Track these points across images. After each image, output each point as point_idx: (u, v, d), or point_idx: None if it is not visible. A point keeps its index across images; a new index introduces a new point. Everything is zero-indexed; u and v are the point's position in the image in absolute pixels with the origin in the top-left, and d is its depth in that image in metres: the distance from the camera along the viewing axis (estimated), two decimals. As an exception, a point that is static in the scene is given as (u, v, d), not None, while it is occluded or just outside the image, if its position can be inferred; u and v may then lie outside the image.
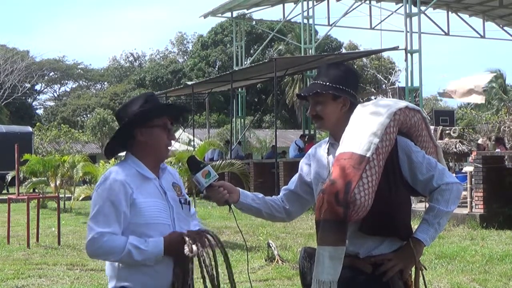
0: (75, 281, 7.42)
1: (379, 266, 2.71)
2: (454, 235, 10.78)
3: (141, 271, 2.66)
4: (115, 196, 2.63)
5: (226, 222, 12.06)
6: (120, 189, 2.63)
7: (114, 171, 2.72)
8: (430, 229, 2.75)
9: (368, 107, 2.81)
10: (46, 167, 17.14)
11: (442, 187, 2.74)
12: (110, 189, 2.64)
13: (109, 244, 2.57)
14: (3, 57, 53.46)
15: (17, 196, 12.02)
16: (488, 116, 36.12)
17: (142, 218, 2.64)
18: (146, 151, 2.78)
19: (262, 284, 6.97)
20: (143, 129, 2.75)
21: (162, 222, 2.68)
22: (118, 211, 2.62)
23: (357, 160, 2.60)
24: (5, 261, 8.91)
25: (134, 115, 2.76)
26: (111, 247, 2.58)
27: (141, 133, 2.75)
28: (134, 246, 2.56)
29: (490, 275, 7.32)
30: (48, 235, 11.30)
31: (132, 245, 2.56)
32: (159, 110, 2.83)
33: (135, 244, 2.57)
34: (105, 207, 2.62)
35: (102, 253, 2.65)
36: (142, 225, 2.64)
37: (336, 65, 3.01)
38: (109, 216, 2.61)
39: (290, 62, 22.96)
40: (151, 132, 2.76)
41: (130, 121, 2.76)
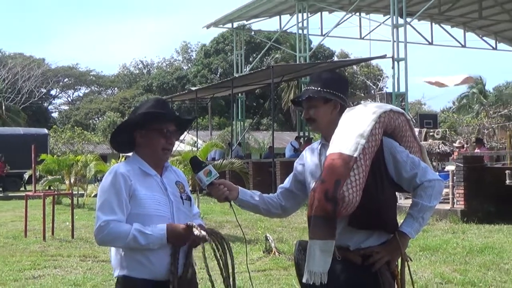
0: (88, 272, 7.42)
1: (368, 257, 2.72)
2: (437, 229, 10.79)
3: (141, 263, 2.67)
4: (117, 186, 2.65)
5: (227, 217, 12.04)
6: (121, 180, 2.66)
7: (117, 167, 2.77)
8: (414, 223, 2.75)
9: (355, 111, 2.81)
10: (61, 166, 17.17)
11: (425, 184, 2.75)
12: (113, 181, 2.67)
13: (114, 230, 2.59)
14: (20, 64, 53.40)
15: (34, 193, 12.02)
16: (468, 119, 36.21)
17: (143, 209, 2.66)
18: (145, 151, 2.81)
19: (260, 274, 6.96)
20: (142, 131, 2.78)
21: (161, 215, 2.70)
22: (121, 199, 2.65)
23: (345, 160, 2.60)
24: (23, 253, 8.92)
25: (136, 117, 2.80)
26: (116, 232, 2.59)
27: (140, 135, 2.79)
28: (138, 231, 2.58)
29: (470, 266, 7.33)
30: (63, 229, 11.30)
31: (136, 230, 2.58)
32: (161, 117, 2.80)
33: (139, 229, 2.58)
34: (109, 197, 2.65)
35: (109, 239, 2.64)
36: (143, 216, 2.65)
37: (327, 72, 3.03)
38: (113, 205, 2.63)
39: (286, 69, 22.99)
40: (148, 135, 2.78)
41: (129, 122, 2.83)
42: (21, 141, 24.63)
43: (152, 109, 2.80)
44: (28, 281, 6.95)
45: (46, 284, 6.72)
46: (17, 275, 7.25)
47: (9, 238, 10.64)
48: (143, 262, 2.65)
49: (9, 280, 6.99)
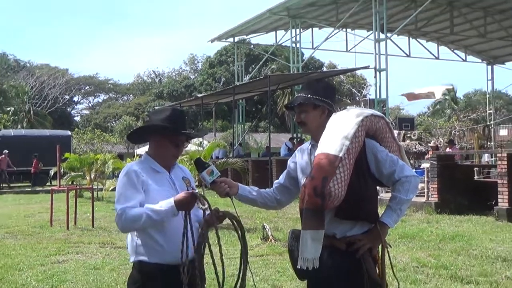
0: (106, 257, 7.43)
1: (352, 244, 2.72)
2: (413, 219, 10.80)
3: (154, 249, 2.67)
4: (131, 181, 2.66)
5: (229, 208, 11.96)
6: (134, 176, 2.68)
7: (130, 165, 2.79)
8: (393, 214, 2.76)
9: (340, 115, 2.81)
10: (82, 163, 17.17)
11: (402, 179, 2.75)
12: (127, 177, 2.69)
13: (130, 214, 2.58)
14: (47, 74, 53.43)
15: (59, 187, 12.03)
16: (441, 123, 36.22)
17: (155, 201, 2.64)
18: (157, 154, 2.82)
19: (258, 259, 6.97)
20: (157, 138, 2.81)
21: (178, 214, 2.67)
22: (134, 189, 2.65)
23: (332, 159, 2.61)
24: (49, 241, 8.93)
25: (155, 125, 2.81)
26: (132, 216, 2.57)
27: (155, 140, 2.82)
28: (150, 210, 2.57)
29: (443, 251, 7.36)
30: (84, 219, 11.30)
31: (148, 209, 2.57)
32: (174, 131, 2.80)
33: (150, 208, 2.58)
34: (124, 191, 2.66)
35: (128, 224, 2.62)
36: None
37: (316, 81, 3.03)
38: (127, 195, 2.63)
39: (281, 78, 23.00)
40: (163, 143, 2.81)
41: (147, 129, 2.87)
42: (47, 142, 24.61)
43: (168, 121, 2.79)
44: (53, 265, 6.96)
45: (69, 268, 6.72)
46: (44, 260, 7.26)
47: (36, 227, 10.65)
48: (157, 248, 2.65)
49: (36, 264, 7.00)
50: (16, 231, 10.09)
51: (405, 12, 20.90)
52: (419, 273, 6.12)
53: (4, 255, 7.63)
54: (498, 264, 6.55)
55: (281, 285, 5.69)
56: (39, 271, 6.54)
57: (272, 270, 6.32)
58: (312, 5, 21.73)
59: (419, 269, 6.30)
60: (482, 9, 22.49)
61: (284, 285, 5.67)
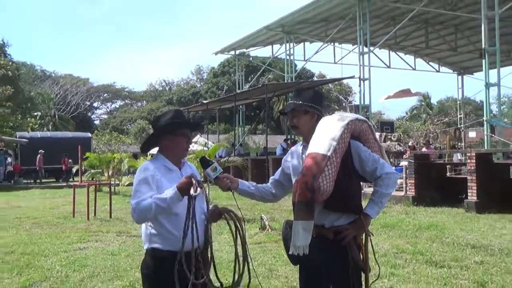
0: (122, 244, 7.42)
1: (339, 233, 2.72)
2: (393, 210, 10.81)
3: (166, 237, 2.66)
4: (146, 178, 2.65)
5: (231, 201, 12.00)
6: (149, 174, 2.66)
7: (146, 165, 2.76)
8: (375, 207, 2.76)
9: (328, 119, 2.81)
10: (101, 162, 17.13)
11: (383, 176, 2.75)
12: (143, 176, 2.67)
13: (141, 206, 2.57)
14: (70, 82, 53.39)
15: (80, 183, 12.01)
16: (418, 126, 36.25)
17: None
18: (170, 151, 2.80)
19: (256, 246, 6.97)
20: (170, 135, 2.77)
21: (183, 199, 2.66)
22: (148, 186, 2.63)
23: (321, 158, 2.60)
24: (71, 230, 8.92)
25: (165, 126, 2.79)
26: (143, 208, 2.57)
27: (167, 139, 2.78)
28: (156, 199, 2.56)
29: (419, 239, 7.36)
30: (103, 211, 11.28)
31: (154, 198, 2.56)
32: (182, 124, 2.85)
33: (156, 197, 2.57)
34: (140, 188, 2.65)
35: (141, 216, 2.62)
36: None
37: (307, 89, 3.03)
38: (142, 191, 2.62)
39: (277, 87, 22.98)
40: (176, 139, 2.78)
41: (162, 129, 2.80)
42: (70, 142, 24.61)
43: (175, 119, 2.81)
44: (75, 252, 6.95)
45: (90, 254, 6.72)
46: (67, 247, 7.26)
47: (60, 218, 10.63)
48: (168, 236, 2.64)
49: (60, 251, 6.99)
50: (42, 222, 10.08)
51: (386, 29, 20.94)
52: (398, 258, 6.12)
53: (31, 243, 7.62)
54: (467, 250, 6.56)
55: (277, 269, 5.69)
56: (62, 257, 6.54)
57: (269, 256, 6.33)
58: (304, 22, 21.78)
59: (398, 255, 6.30)
60: (453, 26, 22.57)
61: (279, 269, 5.67)
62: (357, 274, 2.73)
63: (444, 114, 37.79)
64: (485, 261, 5.91)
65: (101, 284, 5.22)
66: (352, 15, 19.14)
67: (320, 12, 20.49)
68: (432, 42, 23.32)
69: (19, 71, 37.34)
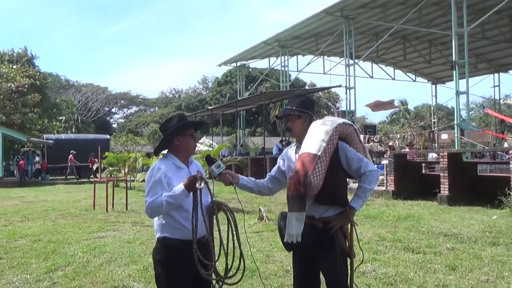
0: (137, 233, 7.41)
1: (328, 223, 2.72)
2: (376, 203, 10.81)
3: (175, 227, 2.65)
4: (158, 177, 2.64)
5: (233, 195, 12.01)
6: (161, 173, 2.65)
7: (157, 163, 2.74)
8: (359, 200, 2.76)
9: (318, 123, 2.81)
10: (118, 160, 17.13)
11: (366, 173, 2.75)
12: (156, 175, 2.66)
13: (154, 204, 2.58)
14: (91, 91, 53.35)
15: (100, 179, 12.01)
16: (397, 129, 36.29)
17: None
18: (179, 150, 2.79)
19: (255, 235, 6.96)
20: (179, 137, 2.76)
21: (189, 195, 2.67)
22: (160, 185, 2.62)
23: (312, 157, 2.60)
24: (92, 221, 8.90)
25: (175, 128, 2.77)
26: (156, 205, 2.58)
27: (177, 139, 2.77)
28: (167, 196, 2.56)
29: (398, 229, 7.36)
30: (119, 204, 11.26)
31: (165, 196, 2.57)
32: (189, 125, 2.84)
33: (166, 195, 2.57)
34: (153, 186, 2.63)
35: (154, 212, 2.63)
36: None
37: (300, 96, 3.02)
38: (155, 190, 2.61)
39: (273, 94, 22.98)
40: (184, 139, 2.77)
41: (172, 131, 2.78)
42: (91, 143, 24.56)
43: (181, 122, 2.80)
44: (95, 240, 6.94)
45: (108, 242, 6.71)
46: (88, 236, 7.25)
47: (82, 210, 10.61)
48: (177, 226, 2.63)
49: (82, 239, 6.98)
50: (66, 214, 10.05)
51: (369, 43, 20.99)
52: (380, 245, 6.12)
53: (56, 232, 7.61)
54: (440, 238, 6.57)
55: (273, 255, 5.68)
56: (84, 245, 6.53)
57: (266, 243, 6.31)
58: (297, 38, 21.85)
59: (379, 242, 6.30)
60: (428, 41, 22.64)
61: (275, 255, 5.66)
62: (344, 259, 2.73)
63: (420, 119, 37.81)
64: (456, 248, 5.92)
65: (118, 268, 5.21)
66: (339, 32, 19.19)
67: (311, 29, 20.58)
68: (409, 55, 23.39)
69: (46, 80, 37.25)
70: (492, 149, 17.56)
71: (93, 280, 4.78)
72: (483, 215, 8.68)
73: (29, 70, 32.07)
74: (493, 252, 5.66)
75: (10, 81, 27.80)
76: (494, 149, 17.77)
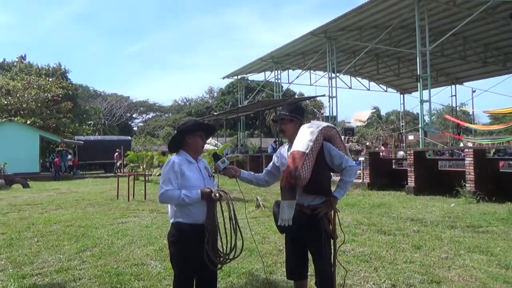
0: (154, 219, 7.37)
1: (314, 210, 2.71)
2: (354, 193, 10.82)
3: (186, 213, 2.64)
4: (174, 169, 2.62)
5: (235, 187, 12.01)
6: (176, 166, 2.63)
7: (173, 158, 2.73)
8: (341, 191, 2.75)
9: (307, 126, 2.80)
10: (138, 158, 17.01)
11: (347, 168, 2.74)
12: (171, 166, 2.64)
13: (169, 194, 2.56)
14: (115, 99, 53.13)
15: (122, 173, 11.94)
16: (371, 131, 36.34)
17: (189, 182, 2.63)
18: (190, 148, 2.77)
19: (253, 220, 6.94)
20: (190, 135, 2.74)
21: (199, 185, 2.67)
22: (175, 177, 2.60)
23: (301, 154, 2.60)
24: (115, 209, 8.85)
25: (187, 127, 2.77)
26: (171, 195, 2.56)
27: (189, 137, 2.75)
28: (185, 195, 2.55)
29: (373, 214, 7.37)
30: (139, 194, 11.22)
31: (184, 194, 2.56)
32: (199, 126, 2.82)
33: (185, 194, 2.56)
34: (168, 175, 2.62)
35: (166, 200, 2.61)
36: (188, 186, 2.62)
37: (291, 104, 3.03)
38: (170, 180, 2.60)
39: (268, 103, 22.95)
40: (194, 138, 2.76)
41: (184, 129, 2.78)
42: (115, 144, 24.40)
43: (194, 125, 2.80)
44: (118, 225, 6.90)
45: (129, 227, 6.67)
46: (112, 221, 7.21)
47: (107, 200, 10.56)
48: (188, 213, 2.62)
49: (107, 224, 6.94)
50: (94, 203, 10.00)
51: (348, 60, 21.02)
52: (358, 228, 6.13)
53: (86, 218, 7.56)
54: (408, 222, 6.58)
55: (268, 236, 5.67)
56: (109, 229, 6.49)
57: (262, 227, 6.31)
58: (288, 55, 21.88)
59: (357, 226, 6.31)
60: (397, 58, 22.69)
61: (271, 236, 5.65)
62: (328, 240, 2.72)
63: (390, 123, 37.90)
64: (421, 230, 5.93)
65: (138, 249, 5.18)
66: (323, 50, 19.19)
67: (300, 48, 20.60)
68: (381, 70, 23.44)
69: (77, 91, 37.12)
70: (450, 148, 17.61)
71: (117, 259, 4.75)
72: (443, 203, 8.71)
73: (63, 82, 31.95)
74: (452, 234, 5.68)
75: (46, 92, 27.73)
76: (452, 148, 17.85)
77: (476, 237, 5.49)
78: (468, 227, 6.09)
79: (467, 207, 8.12)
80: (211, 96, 63.58)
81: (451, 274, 3.96)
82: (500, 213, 7.19)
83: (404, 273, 3.98)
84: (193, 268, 2.62)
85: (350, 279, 3.80)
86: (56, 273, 4.26)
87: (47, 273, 4.25)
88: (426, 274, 3.96)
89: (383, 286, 3.67)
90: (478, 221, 6.54)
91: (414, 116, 45.72)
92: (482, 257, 4.53)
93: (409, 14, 15.12)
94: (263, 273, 4.01)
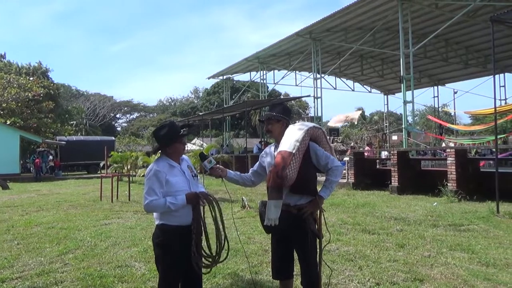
0: (138, 220, 7.26)
1: (301, 210, 2.71)
2: (339, 193, 10.90)
3: (172, 215, 2.61)
4: (156, 179, 2.58)
5: (221, 187, 11.98)
6: (158, 175, 2.58)
7: (154, 165, 2.66)
8: (327, 190, 2.76)
9: (293, 127, 2.81)
10: (122, 158, 16.78)
11: (333, 168, 2.76)
12: (154, 175, 2.59)
13: (155, 204, 2.53)
14: (98, 99, 52.25)
15: (106, 174, 11.73)
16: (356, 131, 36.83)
17: (174, 188, 2.59)
18: (171, 153, 2.73)
19: (239, 220, 6.92)
20: (168, 147, 2.70)
21: (184, 189, 2.64)
22: (158, 184, 2.56)
23: (287, 154, 2.60)
24: (98, 210, 8.69)
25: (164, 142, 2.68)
26: (156, 205, 2.53)
27: (169, 148, 2.71)
28: (170, 203, 2.53)
29: (357, 214, 7.43)
30: (123, 195, 11.04)
31: (169, 202, 2.53)
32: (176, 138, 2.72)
33: (170, 201, 2.53)
34: (152, 185, 2.57)
35: (151, 210, 2.58)
36: (174, 192, 2.58)
37: (278, 104, 3.02)
38: (154, 189, 2.55)
39: (254, 103, 22.96)
40: (174, 146, 2.71)
41: (162, 144, 2.71)
42: (99, 144, 23.97)
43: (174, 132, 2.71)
44: (101, 226, 6.78)
45: (113, 228, 6.56)
46: (95, 223, 7.08)
47: (90, 201, 10.36)
48: (174, 214, 2.59)
49: (90, 226, 6.81)
50: (76, 204, 9.79)
51: (333, 61, 21.21)
52: (342, 228, 6.16)
53: (68, 220, 7.40)
54: (391, 221, 6.65)
55: (254, 237, 5.66)
56: (92, 231, 6.38)
57: (248, 227, 6.28)
58: (274, 55, 21.92)
59: (342, 225, 6.35)
60: (380, 60, 23.04)
61: (256, 237, 5.64)
62: (314, 239, 2.73)
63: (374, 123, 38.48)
64: (404, 229, 6.01)
65: (121, 250, 5.09)
66: (308, 51, 19.33)
67: (285, 48, 20.67)
68: (365, 71, 23.73)
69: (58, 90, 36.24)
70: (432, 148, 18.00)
71: (100, 261, 4.66)
72: (426, 202, 8.85)
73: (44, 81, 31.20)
74: (434, 233, 5.79)
75: (27, 91, 27.01)
76: (434, 148, 18.24)
77: (457, 235, 5.61)
78: (450, 226, 6.20)
79: (449, 206, 8.27)
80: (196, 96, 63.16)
81: (434, 272, 4.04)
82: (480, 212, 7.36)
83: (388, 272, 4.04)
84: (178, 270, 2.60)
85: (335, 278, 3.82)
86: (37, 276, 4.15)
87: (28, 277, 4.13)
88: (409, 272, 4.02)
89: (368, 285, 3.71)
90: (459, 219, 6.68)
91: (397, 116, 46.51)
92: (463, 255, 4.63)
93: (393, 16, 15.39)
94: (248, 273, 4.00)
